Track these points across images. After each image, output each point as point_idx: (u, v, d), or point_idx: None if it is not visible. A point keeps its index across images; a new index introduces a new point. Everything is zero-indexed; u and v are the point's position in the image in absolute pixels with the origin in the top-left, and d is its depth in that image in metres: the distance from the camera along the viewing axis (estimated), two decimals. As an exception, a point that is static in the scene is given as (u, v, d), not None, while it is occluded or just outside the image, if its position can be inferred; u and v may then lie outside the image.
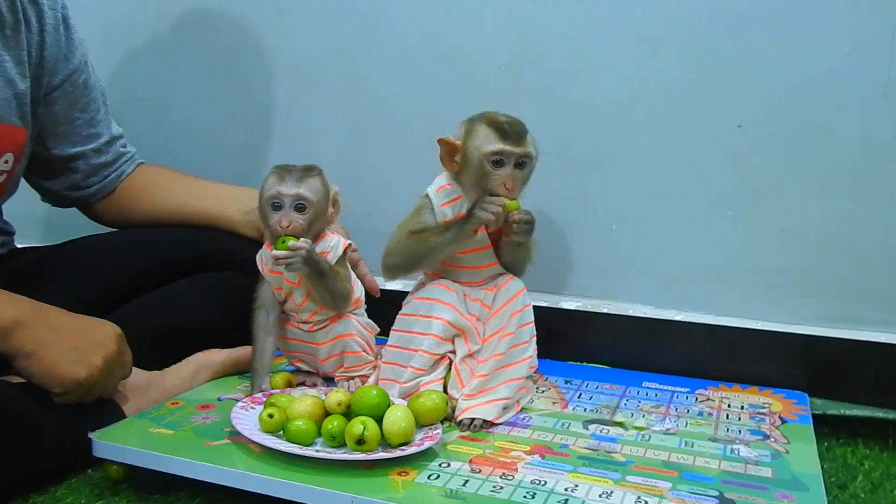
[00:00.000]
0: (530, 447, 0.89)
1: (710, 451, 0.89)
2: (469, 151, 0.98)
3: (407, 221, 1.03)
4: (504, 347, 0.99)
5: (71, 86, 1.19)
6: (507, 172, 0.96)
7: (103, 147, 1.25)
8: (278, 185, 1.00)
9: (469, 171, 0.98)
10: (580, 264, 1.22)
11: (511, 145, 0.96)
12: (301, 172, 1.01)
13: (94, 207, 1.29)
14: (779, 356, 1.12)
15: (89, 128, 1.23)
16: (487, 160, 0.96)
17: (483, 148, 0.96)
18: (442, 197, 1.02)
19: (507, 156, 0.96)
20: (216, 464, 0.85)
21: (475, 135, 0.97)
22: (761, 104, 1.09)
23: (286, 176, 1.00)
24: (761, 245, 1.12)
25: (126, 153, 1.29)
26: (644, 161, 1.17)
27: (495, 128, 0.96)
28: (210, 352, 1.13)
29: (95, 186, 1.26)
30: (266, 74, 1.41)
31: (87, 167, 1.24)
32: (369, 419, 0.86)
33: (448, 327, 1.00)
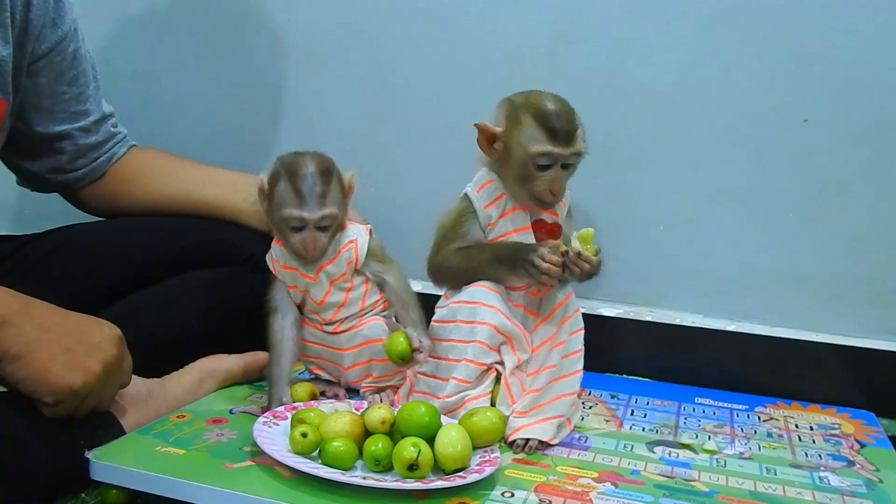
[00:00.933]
0: (598, 473, 0.79)
1: (798, 480, 0.80)
2: (512, 146, 0.87)
3: (451, 231, 0.93)
4: (556, 359, 0.89)
5: (58, 55, 1.05)
6: (553, 175, 0.86)
7: (92, 126, 1.11)
8: (299, 210, 0.87)
9: (511, 165, 0.88)
10: (622, 268, 1.12)
11: (561, 146, 0.85)
12: (320, 186, 0.88)
13: (80, 193, 1.14)
14: (840, 372, 1.04)
15: (77, 104, 1.09)
16: (532, 161, 0.86)
17: (529, 147, 0.86)
18: (484, 198, 0.91)
19: (556, 158, 0.85)
20: (241, 491, 0.72)
21: (520, 128, 0.86)
22: (830, 97, 1.01)
23: (306, 196, 0.87)
24: (825, 250, 1.03)
25: (117, 134, 1.15)
26: (696, 156, 1.08)
27: (543, 124, 0.85)
28: (216, 358, 1.00)
29: (83, 170, 1.12)
30: (271, 51, 1.28)
31: (73, 148, 1.10)
32: (421, 441, 0.75)
33: (495, 333, 0.89)
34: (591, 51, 1.11)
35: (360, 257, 0.93)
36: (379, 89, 1.23)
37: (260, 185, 0.92)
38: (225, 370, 0.99)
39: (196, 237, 1.11)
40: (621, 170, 1.11)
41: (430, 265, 0.94)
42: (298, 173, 0.88)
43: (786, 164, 1.04)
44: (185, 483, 0.73)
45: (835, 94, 1.01)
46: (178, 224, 1.12)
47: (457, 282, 0.92)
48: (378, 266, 0.95)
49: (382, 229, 1.27)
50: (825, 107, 1.01)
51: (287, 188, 0.88)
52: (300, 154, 0.91)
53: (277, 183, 0.89)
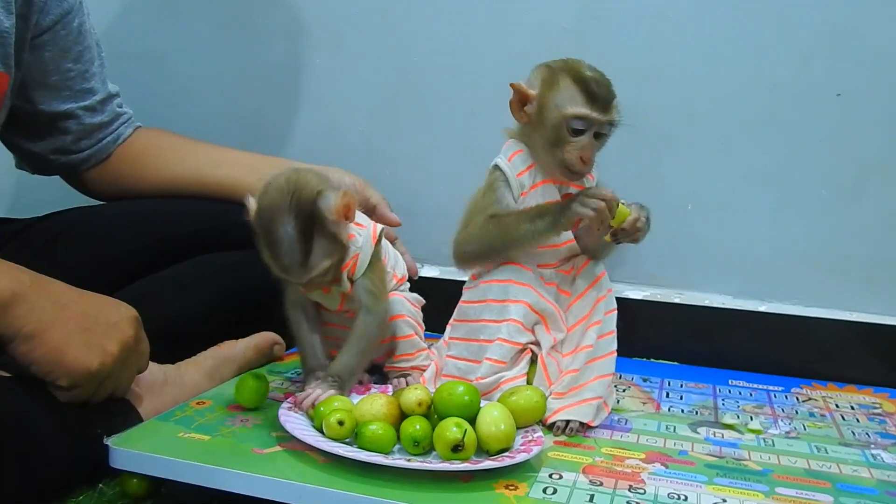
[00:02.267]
0: (645, 454, 0.76)
1: (851, 458, 0.78)
2: (547, 107, 0.84)
3: (481, 200, 0.88)
4: (593, 338, 0.86)
5: (64, 29, 1.01)
6: (585, 142, 0.83)
7: (98, 105, 1.07)
8: (286, 275, 0.79)
9: (543, 128, 0.85)
10: (650, 249, 1.07)
11: (598, 111, 0.82)
12: (300, 255, 0.77)
13: (85, 176, 1.10)
14: (875, 352, 1.01)
15: (83, 81, 1.05)
16: (567, 124, 0.83)
17: (566, 108, 0.83)
18: (517, 165, 0.87)
19: (591, 123, 0.82)
20: (274, 476, 0.68)
21: (557, 89, 0.84)
22: (867, 72, 0.98)
23: (289, 268, 0.78)
24: (862, 230, 1.01)
25: (123, 114, 1.11)
26: (728, 135, 1.05)
27: (583, 86, 0.83)
28: (229, 344, 0.97)
29: (87, 151, 1.07)
30: (285, 29, 1.24)
31: (79, 128, 1.05)
32: (464, 421, 0.71)
33: (529, 312, 0.85)
34: (619, 28, 1.07)
35: (357, 271, 0.84)
36: (397, 69, 1.19)
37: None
38: (241, 355, 0.95)
39: (209, 220, 1.07)
40: (651, 150, 1.08)
41: (457, 243, 0.89)
42: (275, 239, 0.78)
43: (821, 143, 1.01)
44: (214, 469, 0.69)
45: (872, 70, 0.98)
46: (190, 206, 1.08)
47: (486, 258, 0.87)
48: (366, 296, 0.84)
49: (401, 214, 1.23)
50: (862, 83, 0.99)
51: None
52: (273, 212, 0.78)
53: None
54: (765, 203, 1.04)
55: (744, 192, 1.05)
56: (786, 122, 1.02)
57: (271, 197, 0.79)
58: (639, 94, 1.07)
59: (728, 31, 1.03)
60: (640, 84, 1.07)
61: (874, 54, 0.98)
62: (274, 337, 0.99)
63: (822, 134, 1.01)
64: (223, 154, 1.11)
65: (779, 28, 1.01)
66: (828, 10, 0.99)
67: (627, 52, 1.07)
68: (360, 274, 0.84)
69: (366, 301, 0.84)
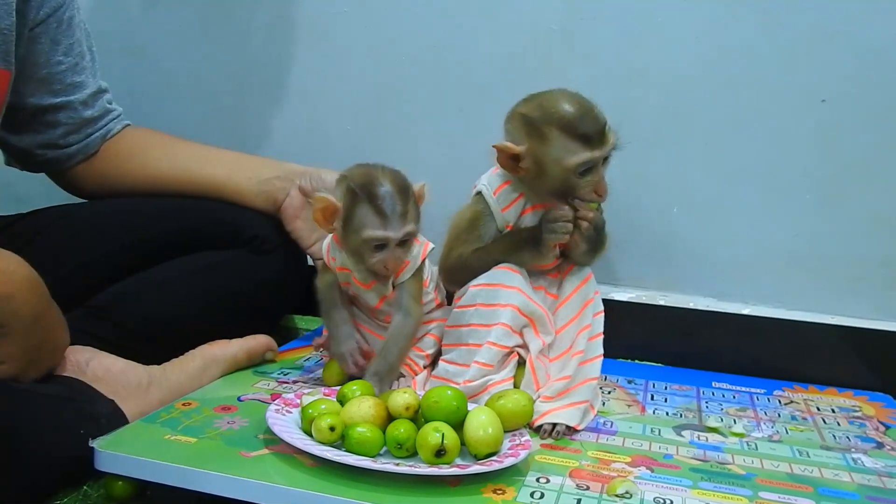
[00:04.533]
0: (631, 458, 0.76)
1: (832, 462, 0.79)
2: (545, 164, 0.83)
3: (464, 229, 0.89)
4: (584, 343, 0.86)
5: (56, 22, 1.00)
6: (596, 178, 0.83)
7: (89, 99, 1.05)
8: (383, 230, 0.82)
9: (546, 179, 0.84)
10: (635, 251, 1.10)
11: (598, 150, 0.82)
12: (401, 205, 0.83)
13: (71, 172, 1.09)
14: (855, 355, 1.03)
15: (73, 75, 1.03)
16: (574, 173, 0.82)
17: (566, 162, 0.81)
18: (502, 200, 0.88)
19: (595, 161, 0.82)
20: (261, 479, 0.68)
21: (549, 143, 0.82)
22: (851, 75, 0.99)
23: (388, 215, 0.82)
24: (844, 232, 1.02)
25: (113, 111, 1.09)
26: (712, 136, 1.06)
27: (574, 133, 0.81)
28: (219, 343, 0.95)
29: (75, 146, 1.06)
30: (270, 24, 1.23)
31: (69, 121, 1.04)
32: (445, 425, 0.71)
33: (518, 315, 0.85)
34: (606, 28, 1.08)
35: (402, 276, 0.88)
36: (384, 67, 1.19)
37: (326, 205, 0.84)
38: (230, 356, 0.94)
39: (197, 218, 1.06)
40: (636, 150, 1.05)
41: (444, 268, 0.91)
42: (377, 192, 0.82)
43: (805, 145, 1.02)
44: (201, 472, 0.69)
45: (855, 73, 0.99)
46: (178, 204, 1.07)
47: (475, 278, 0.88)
48: (407, 299, 0.88)
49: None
50: (846, 85, 1.00)
51: (369, 209, 0.82)
52: (370, 169, 0.85)
53: (359, 208, 0.83)
54: (749, 205, 1.05)
55: (729, 194, 1.06)
56: (770, 124, 1.03)
57: (364, 170, 0.85)
58: (625, 95, 1.08)
59: (714, 32, 1.03)
60: (626, 84, 1.07)
61: (858, 57, 0.98)
62: (268, 342, 0.98)
63: (805, 136, 1.02)
64: (211, 153, 1.10)
65: (764, 30, 1.01)
66: (813, 12, 1.00)
67: (614, 53, 1.07)
68: (403, 280, 0.87)
69: (406, 303, 0.88)
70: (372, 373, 0.86)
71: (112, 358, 0.87)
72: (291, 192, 1.05)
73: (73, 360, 0.84)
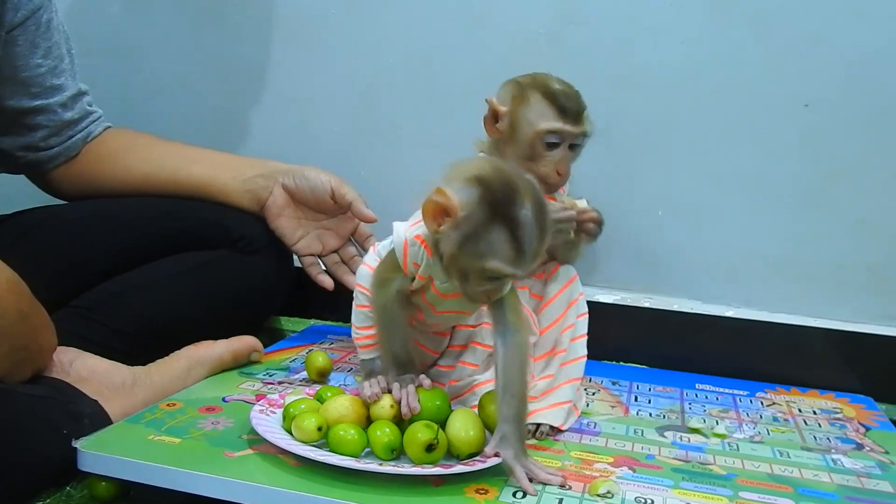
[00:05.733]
0: (613, 458, 0.77)
1: (812, 463, 0.79)
2: (519, 123, 0.85)
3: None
4: (567, 343, 0.87)
5: (34, 24, 1.00)
6: (560, 155, 0.84)
7: (69, 102, 1.06)
8: (513, 267, 0.67)
9: (515, 144, 0.86)
10: (621, 253, 1.10)
11: (570, 124, 0.84)
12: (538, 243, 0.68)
13: (52, 175, 1.09)
14: (837, 357, 1.04)
15: (53, 78, 1.03)
16: (541, 139, 0.84)
17: (538, 124, 0.84)
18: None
19: (565, 136, 0.83)
20: (245, 479, 0.68)
21: (528, 105, 0.85)
22: (836, 82, 1.00)
23: (525, 254, 0.67)
24: (828, 236, 1.03)
25: (93, 113, 1.10)
26: (699, 140, 1.06)
27: (553, 101, 0.84)
28: (205, 344, 0.95)
29: (56, 148, 1.06)
30: (257, 26, 1.23)
31: (49, 124, 1.04)
32: (432, 422, 0.72)
33: None
34: (595, 32, 1.08)
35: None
36: (372, 69, 1.19)
37: (444, 204, 0.67)
38: (216, 357, 0.94)
39: (183, 218, 1.06)
40: (624, 153, 1.09)
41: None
42: (517, 222, 0.66)
43: (790, 150, 1.03)
44: (184, 472, 0.69)
45: (840, 79, 1.00)
46: (163, 204, 1.07)
47: None
48: (511, 314, 0.73)
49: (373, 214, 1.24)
50: (830, 91, 1.01)
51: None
52: (511, 194, 0.67)
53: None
54: (734, 209, 1.06)
55: (714, 198, 1.07)
56: (755, 129, 1.04)
57: (500, 180, 0.67)
58: (612, 99, 1.09)
59: (701, 38, 1.04)
60: (614, 89, 1.08)
61: (842, 63, 0.99)
62: (254, 343, 0.98)
63: (790, 141, 1.03)
64: (193, 152, 1.10)
65: (750, 36, 1.02)
66: (797, 19, 1.01)
67: (602, 57, 1.08)
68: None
69: (512, 319, 0.73)
70: (508, 431, 0.70)
71: (96, 359, 0.87)
72: (275, 191, 1.05)
73: (58, 361, 0.84)
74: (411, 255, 0.75)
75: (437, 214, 0.68)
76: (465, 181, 0.67)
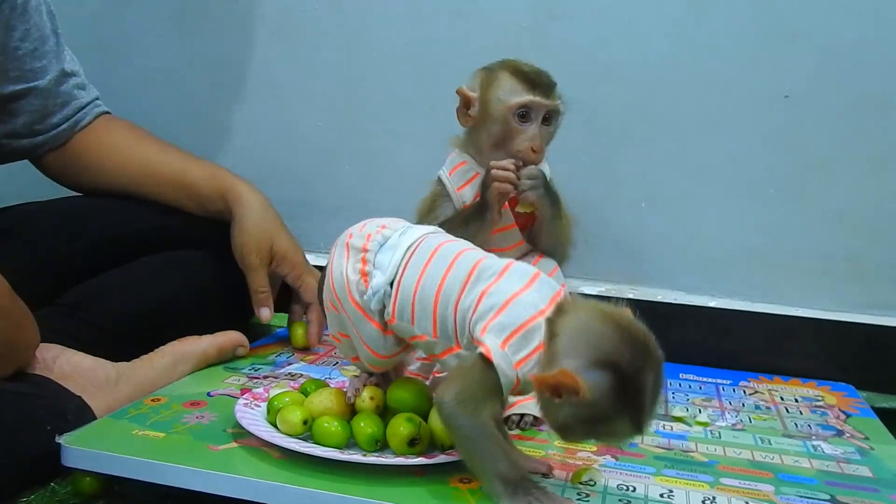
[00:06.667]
0: (596, 447, 0.77)
1: (793, 449, 0.80)
2: (490, 104, 0.86)
3: (424, 213, 0.90)
4: (549, 334, 0.87)
5: (9, 7, 0.98)
6: (534, 130, 0.84)
7: (51, 85, 1.03)
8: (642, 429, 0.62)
9: (488, 126, 0.86)
10: (604, 245, 1.11)
11: (541, 96, 0.84)
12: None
13: (43, 163, 1.07)
14: (818, 346, 1.05)
15: (33, 61, 1.01)
16: (513, 113, 0.84)
17: (508, 100, 0.84)
18: (458, 179, 0.89)
19: (536, 109, 0.84)
20: (230, 472, 0.68)
21: (497, 85, 0.86)
22: (814, 73, 1.01)
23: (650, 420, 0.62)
24: (808, 227, 1.04)
25: (82, 97, 1.07)
26: (680, 133, 1.07)
27: (521, 77, 0.85)
28: (190, 339, 0.95)
29: (42, 136, 1.04)
30: (241, 20, 1.23)
31: (30, 108, 1.02)
32: (415, 415, 0.72)
33: None
34: (576, 26, 1.09)
35: None
36: (356, 64, 1.19)
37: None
38: (200, 352, 0.94)
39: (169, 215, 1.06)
40: (605, 146, 1.10)
41: None
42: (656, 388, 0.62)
43: (770, 142, 1.04)
44: (169, 466, 0.69)
45: (818, 71, 1.01)
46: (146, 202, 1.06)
47: None
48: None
49: (357, 209, 1.23)
50: (809, 83, 1.01)
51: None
52: (647, 360, 0.61)
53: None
54: (716, 200, 1.07)
55: (696, 189, 1.07)
56: (736, 121, 1.05)
57: (630, 362, 0.60)
58: (594, 92, 1.09)
59: (682, 30, 1.05)
60: (596, 81, 1.09)
61: (819, 56, 1.00)
62: (239, 338, 0.98)
63: (769, 133, 1.04)
64: (188, 161, 1.07)
65: (730, 29, 1.03)
66: (776, 12, 1.02)
67: (584, 50, 1.09)
68: None
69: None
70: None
71: (80, 355, 0.87)
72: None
73: (41, 358, 0.84)
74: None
75: (558, 390, 0.60)
76: (594, 364, 0.60)
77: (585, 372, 0.59)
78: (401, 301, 0.69)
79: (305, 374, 0.94)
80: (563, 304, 0.64)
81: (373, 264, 0.71)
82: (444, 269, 0.68)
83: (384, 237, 0.72)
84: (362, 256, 0.71)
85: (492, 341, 0.63)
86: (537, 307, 0.64)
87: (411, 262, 0.69)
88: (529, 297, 0.64)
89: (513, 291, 0.64)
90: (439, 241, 0.71)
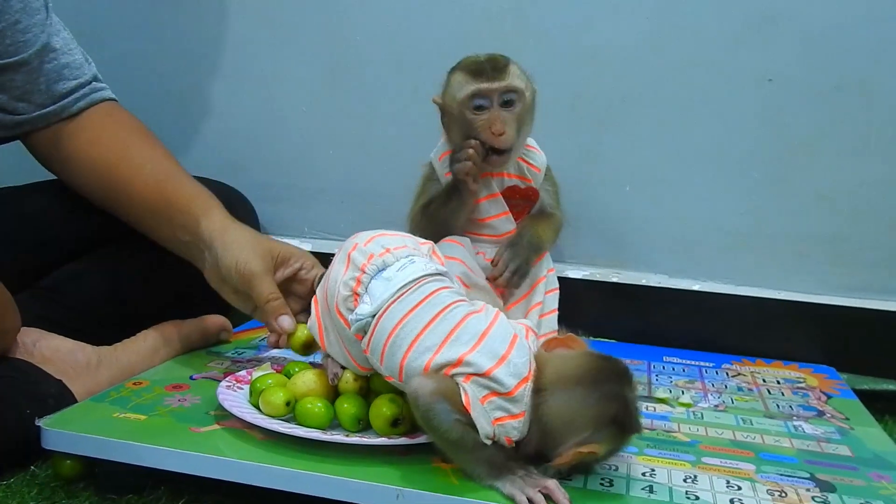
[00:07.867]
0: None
1: (774, 429, 0.81)
2: (448, 106, 0.87)
3: (417, 193, 0.93)
4: (534, 319, 0.88)
5: None
6: (490, 114, 0.84)
7: (33, 59, 0.95)
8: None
9: (455, 127, 0.87)
10: (588, 229, 1.11)
11: (487, 82, 0.83)
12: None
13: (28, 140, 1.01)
14: (801, 328, 1.05)
15: (15, 35, 0.94)
16: (467, 107, 0.84)
17: (458, 95, 0.85)
18: (445, 166, 0.89)
19: (487, 95, 0.84)
20: (212, 454, 0.68)
21: (450, 84, 0.87)
22: (795, 57, 1.01)
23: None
24: (790, 209, 1.04)
25: (69, 77, 1.00)
26: (663, 116, 1.07)
27: (467, 70, 0.85)
28: (173, 323, 0.95)
29: (24, 115, 0.97)
30: (220, 5, 1.21)
31: (11, 84, 0.95)
32: (397, 396, 0.72)
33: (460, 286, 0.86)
34: (558, 9, 1.08)
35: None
36: (337, 47, 1.18)
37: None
38: (183, 336, 0.94)
39: None
40: (588, 130, 1.10)
41: (409, 228, 0.91)
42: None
43: (752, 124, 1.04)
44: (150, 448, 0.69)
45: (799, 54, 1.01)
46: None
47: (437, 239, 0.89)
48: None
49: (341, 193, 1.23)
50: (790, 66, 1.01)
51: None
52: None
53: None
54: (698, 183, 1.07)
55: (679, 173, 1.07)
56: (718, 104, 1.04)
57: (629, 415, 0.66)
58: (577, 74, 1.09)
59: (664, 13, 1.05)
60: (579, 64, 1.08)
61: (802, 38, 1.00)
62: (223, 322, 0.98)
63: (751, 116, 1.04)
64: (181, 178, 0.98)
65: (712, 11, 1.03)
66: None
67: (566, 33, 1.08)
68: None
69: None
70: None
71: (60, 339, 0.86)
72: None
73: (21, 342, 0.83)
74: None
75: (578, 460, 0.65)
76: (606, 423, 0.65)
77: (600, 438, 0.64)
78: (375, 339, 0.69)
79: (290, 358, 0.93)
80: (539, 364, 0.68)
81: (365, 288, 0.70)
82: (428, 319, 0.67)
83: (384, 263, 0.71)
84: (358, 276, 0.71)
85: (473, 392, 0.64)
86: (520, 375, 0.65)
87: (398, 302, 0.68)
88: (508, 369, 0.65)
89: (489, 367, 0.65)
90: (435, 288, 0.70)
